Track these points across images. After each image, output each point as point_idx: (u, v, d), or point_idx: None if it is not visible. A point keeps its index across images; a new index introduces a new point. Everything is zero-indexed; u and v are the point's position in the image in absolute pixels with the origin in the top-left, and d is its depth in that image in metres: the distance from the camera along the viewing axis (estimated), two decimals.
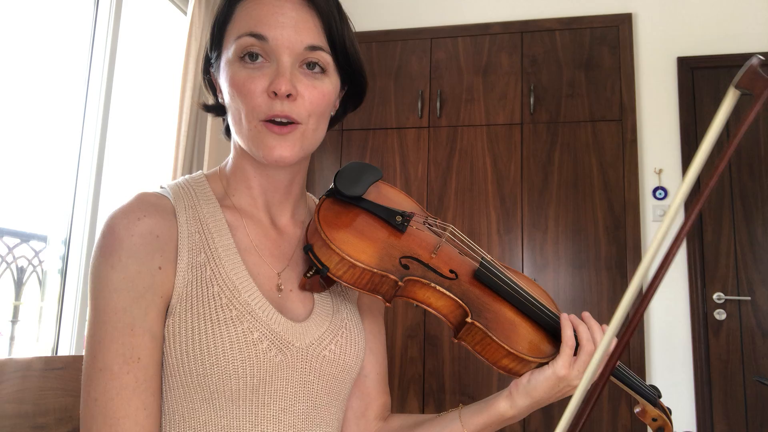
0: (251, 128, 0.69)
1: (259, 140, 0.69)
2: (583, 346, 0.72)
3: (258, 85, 0.68)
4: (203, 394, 0.65)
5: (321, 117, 0.72)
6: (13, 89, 2.00)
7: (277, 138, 0.68)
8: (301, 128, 0.70)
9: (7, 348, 2.00)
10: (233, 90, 0.70)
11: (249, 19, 0.70)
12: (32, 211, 2.10)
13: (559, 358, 0.71)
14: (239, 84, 0.69)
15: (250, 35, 0.69)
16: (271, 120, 0.68)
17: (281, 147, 0.69)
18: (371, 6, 3.43)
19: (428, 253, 0.76)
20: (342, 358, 0.74)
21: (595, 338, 0.72)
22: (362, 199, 0.77)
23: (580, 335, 0.72)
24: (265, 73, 0.68)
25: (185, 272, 0.67)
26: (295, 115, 0.69)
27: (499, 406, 0.73)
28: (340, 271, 0.68)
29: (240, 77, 0.69)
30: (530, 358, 0.71)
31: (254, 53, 0.69)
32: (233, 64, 0.70)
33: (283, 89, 0.66)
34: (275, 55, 0.69)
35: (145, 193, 0.70)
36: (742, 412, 2.74)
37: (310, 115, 0.70)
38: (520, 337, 0.73)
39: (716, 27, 3.01)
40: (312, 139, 0.72)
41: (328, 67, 0.72)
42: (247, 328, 0.66)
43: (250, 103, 0.68)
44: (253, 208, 0.77)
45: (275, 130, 0.68)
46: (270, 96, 0.68)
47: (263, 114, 0.68)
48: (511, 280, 0.78)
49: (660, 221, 2.91)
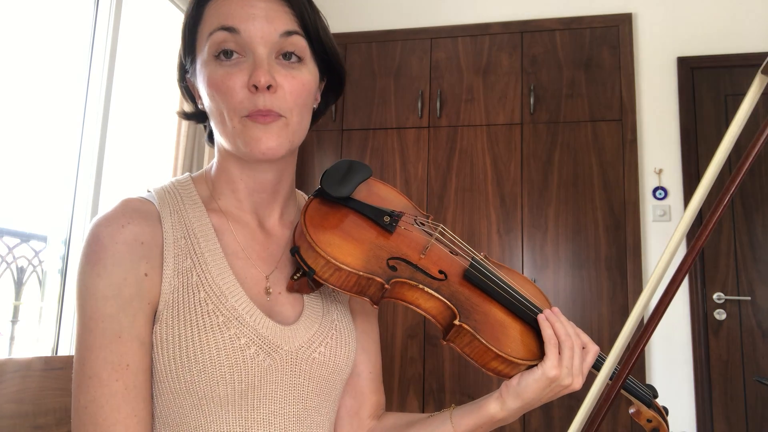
0: (234, 126, 0.68)
1: (245, 135, 0.68)
2: (563, 342, 0.71)
3: (236, 81, 0.67)
4: (192, 400, 0.65)
5: (303, 108, 0.71)
6: (14, 89, 2.00)
7: (262, 129, 0.67)
8: (284, 121, 0.69)
9: (7, 348, 2.00)
10: (212, 90, 0.69)
11: (219, 15, 0.69)
12: (32, 211, 2.10)
13: (547, 359, 0.70)
14: (217, 83, 0.68)
15: (221, 29, 0.68)
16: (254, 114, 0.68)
17: (267, 138, 0.67)
18: (371, 6, 3.43)
19: (417, 253, 0.75)
20: (332, 360, 0.74)
21: (568, 332, 0.72)
22: (350, 199, 0.75)
23: (558, 332, 0.72)
24: (242, 68, 0.67)
25: (171, 278, 0.66)
26: (278, 109, 0.68)
27: (489, 408, 0.73)
28: (326, 274, 0.68)
29: (217, 76, 0.68)
30: (519, 360, 0.70)
31: (228, 50, 0.68)
32: (209, 64, 0.69)
33: (262, 81, 0.65)
34: (250, 48, 0.68)
35: (129, 199, 0.69)
36: (742, 412, 2.74)
37: (292, 108, 0.69)
38: (509, 339, 0.72)
39: (716, 27, 3.01)
40: (297, 131, 0.71)
41: (304, 54, 0.71)
42: (234, 333, 0.65)
43: (230, 101, 0.67)
44: (239, 211, 0.76)
45: (259, 119, 0.67)
46: (251, 90, 0.67)
47: (246, 110, 0.67)
48: (502, 280, 0.77)
49: (660, 221, 2.91)
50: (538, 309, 0.76)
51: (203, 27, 0.71)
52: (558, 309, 0.76)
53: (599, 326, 2.82)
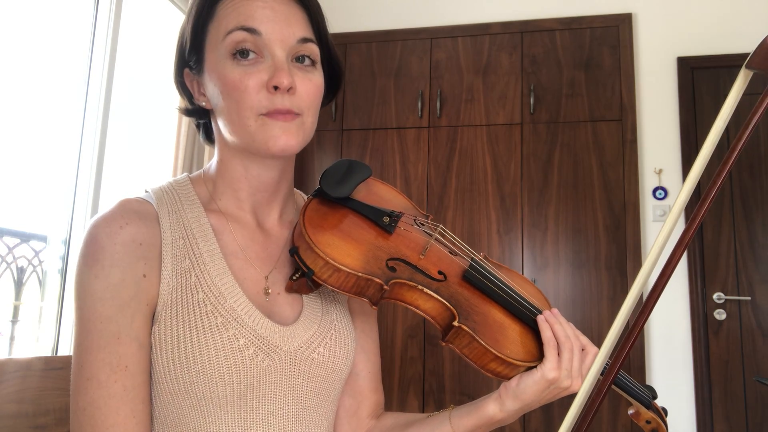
0: (251, 123, 0.68)
1: (264, 132, 0.68)
2: (563, 344, 0.71)
3: (255, 81, 0.68)
4: (191, 401, 0.65)
5: (316, 109, 0.73)
6: (14, 89, 2.00)
7: (282, 126, 0.68)
8: (300, 119, 0.70)
9: (7, 348, 2.00)
10: (227, 88, 0.69)
11: (237, 15, 0.69)
12: (32, 211, 2.10)
13: (546, 361, 0.70)
14: (234, 82, 0.68)
15: (242, 29, 0.68)
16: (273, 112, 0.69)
17: (287, 135, 0.69)
18: (371, 6, 3.43)
19: (417, 254, 0.75)
20: (331, 361, 0.74)
21: (568, 334, 0.72)
22: (349, 199, 0.75)
23: (557, 334, 0.72)
24: (260, 68, 0.68)
25: (169, 279, 0.66)
26: (296, 108, 0.69)
27: (488, 409, 0.73)
28: (325, 275, 0.68)
29: (234, 75, 0.68)
30: (518, 362, 0.70)
31: (246, 50, 0.68)
32: (224, 62, 0.69)
33: (285, 83, 0.67)
34: (269, 50, 0.69)
35: (127, 200, 0.69)
36: (742, 412, 2.74)
37: (308, 108, 0.71)
38: (508, 341, 0.71)
39: (716, 27, 3.01)
40: (309, 131, 0.73)
41: (317, 59, 0.73)
42: (232, 334, 0.65)
43: (248, 100, 0.68)
44: (239, 211, 0.76)
45: (280, 118, 0.68)
46: (270, 91, 0.68)
47: (264, 108, 0.68)
48: (501, 281, 0.77)
49: (660, 221, 2.91)
50: (537, 310, 0.75)
51: (217, 25, 0.71)
52: (557, 310, 0.76)
53: (599, 326, 2.82)
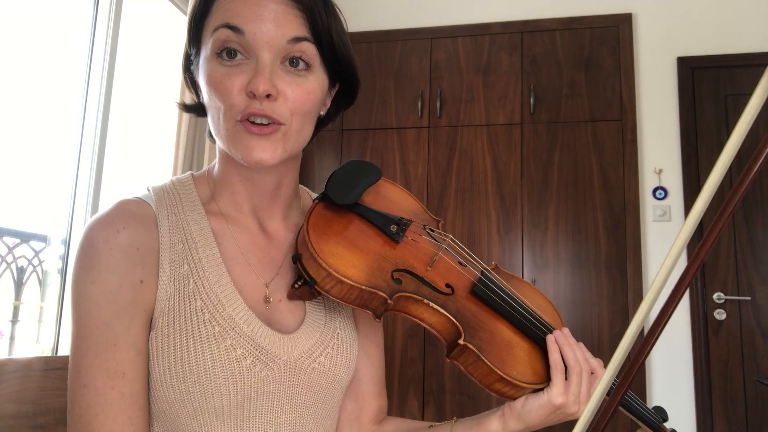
0: (228, 128, 0.65)
1: (238, 141, 0.64)
2: (572, 368, 0.69)
3: (235, 83, 0.64)
4: (187, 410, 0.63)
5: (306, 116, 0.67)
6: (13, 89, 2.00)
7: (257, 139, 0.64)
8: (283, 129, 0.65)
9: (7, 348, 2.00)
10: (210, 88, 0.66)
11: (226, 11, 0.65)
12: (32, 211, 2.10)
13: (553, 386, 0.68)
14: (216, 82, 0.65)
15: (226, 27, 0.64)
16: (249, 119, 0.64)
17: (261, 148, 0.64)
18: (371, 6, 3.43)
19: (424, 265, 0.71)
20: (332, 370, 0.72)
21: (577, 357, 0.69)
22: (356, 204, 0.72)
23: (567, 357, 0.69)
24: (243, 70, 0.64)
25: (167, 285, 0.64)
26: (276, 115, 0.64)
27: (490, 427, 0.71)
28: (327, 285, 0.65)
29: (217, 75, 0.65)
30: (524, 384, 0.67)
31: (232, 49, 0.64)
32: (210, 61, 0.66)
33: (261, 89, 0.62)
34: (254, 52, 0.64)
35: (125, 201, 0.67)
36: (742, 412, 2.74)
37: (293, 114, 0.65)
38: (516, 361, 0.68)
39: (716, 27, 3.01)
40: (296, 140, 0.67)
41: (313, 61, 0.67)
42: (230, 344, 0.63)
43: (227, 102, 0.64)
44: (239, 214, 0.73)
45: (254, 130, 0.64)
46: (248, 95, 0.63)
47: (240, 113, 0.64)
48: (511, 297, 0.73)
49: (660, 221, 2.91)
50: (547, 329, 0.72)
51: (209, 21, 0.67)
52: (568, 330, 0.73)
53: (599, 326, 2.82)
